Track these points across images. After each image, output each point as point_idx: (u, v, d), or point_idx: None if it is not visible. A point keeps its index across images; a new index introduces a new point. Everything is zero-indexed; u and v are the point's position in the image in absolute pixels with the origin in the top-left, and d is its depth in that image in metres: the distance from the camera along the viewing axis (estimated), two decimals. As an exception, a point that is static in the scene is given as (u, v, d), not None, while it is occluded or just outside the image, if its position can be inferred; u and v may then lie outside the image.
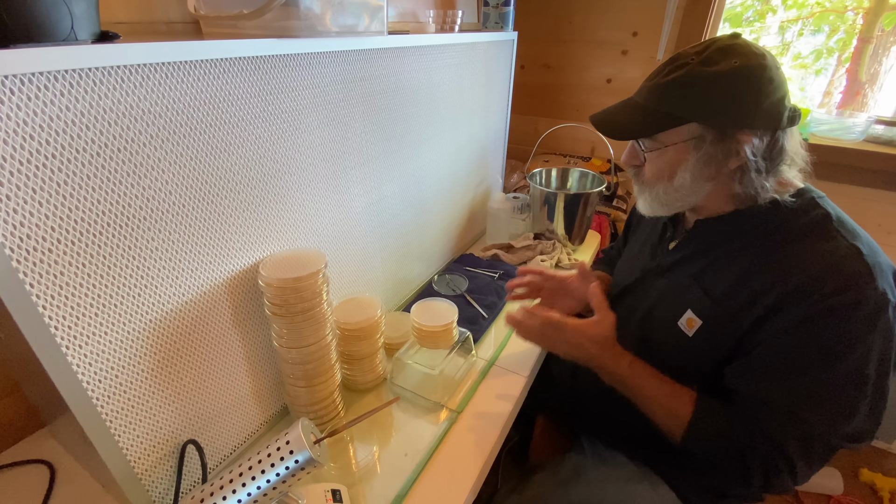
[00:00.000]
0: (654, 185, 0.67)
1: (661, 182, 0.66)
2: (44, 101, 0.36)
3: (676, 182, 0.64)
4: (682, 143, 0.62)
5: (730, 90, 0.57)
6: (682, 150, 0.62)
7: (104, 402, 0.46)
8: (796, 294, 0.55)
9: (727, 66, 0.57)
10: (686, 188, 0.64)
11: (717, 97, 0.58)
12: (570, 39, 1.51)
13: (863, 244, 0.56)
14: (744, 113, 0.58)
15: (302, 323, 0.59)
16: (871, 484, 1.33)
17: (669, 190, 0.66)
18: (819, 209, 0.60)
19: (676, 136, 0.62)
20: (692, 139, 0.61)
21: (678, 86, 0.60)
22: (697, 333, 0.65)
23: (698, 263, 0.67)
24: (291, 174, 0.62)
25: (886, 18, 1.25)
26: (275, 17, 0.54)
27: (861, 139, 1.21)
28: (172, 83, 0.45)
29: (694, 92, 0.59)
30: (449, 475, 0.62)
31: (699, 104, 0.59)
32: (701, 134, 0.60)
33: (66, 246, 0.40)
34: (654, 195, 0.68)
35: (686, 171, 0.63)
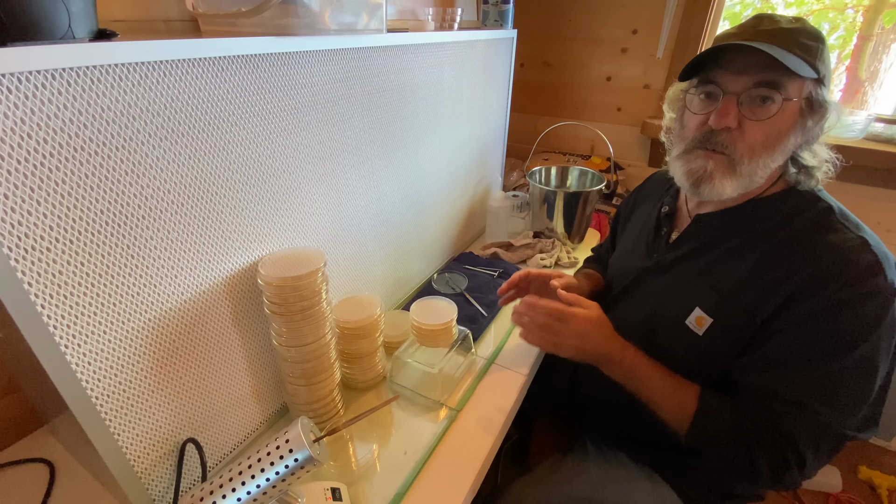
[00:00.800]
0: (756, 155, 0.57)
1: (766, 150, 0.57)
2: (41, 99, 0.36)
3: (780, 149, 0.57)
4: (798, 101, 0.56)
5: (829, 56, 0.56)
6: (796, 109, 0.56)
7: (103, 401, 0.46)
8: (810, 286, 0.55)
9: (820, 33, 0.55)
10: (778, 161, 0.58)
11: (829, 59, 0.55)
12: (570, 37, 1.51)
13: (868, 236, 0.56)
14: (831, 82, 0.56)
15: (301, 322, 0.59)
16: (869, 481, 1.33)
17: (769, 162, 0.57)
18: (821, 202, 0.60)
19: (798, 90, 0.55)
20: (804, 98, 0.56)
21: (809, 35, 0.55)
22: (709, 331, 0.63)
23: (702, 259, 0.66)
24: (290, 172, 0.61)
25: (886, 16, 1.25)
26: (273, 14, 0.54)
27: (861, 137, 1.21)
28: (170, 81, 0.45)
29: (821, 45, 0.55)
30: (448, 473, 0.62)
31: (824, 59, 0.55)
32: (810, 93, 0.56)
33: (63, 245, 0.40)
34: (752, 170, 0.58)
35: (792, 136, 0.57)
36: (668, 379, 0.64)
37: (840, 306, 0.53)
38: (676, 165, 0.65)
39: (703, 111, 0.61)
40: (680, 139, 0.66)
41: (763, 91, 0.55)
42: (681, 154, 0.64)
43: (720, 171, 0.59)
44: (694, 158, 0.62)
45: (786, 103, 0.55)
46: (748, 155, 0.58)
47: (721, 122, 0.57)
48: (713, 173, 0.60)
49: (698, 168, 0.61)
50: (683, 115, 0.66)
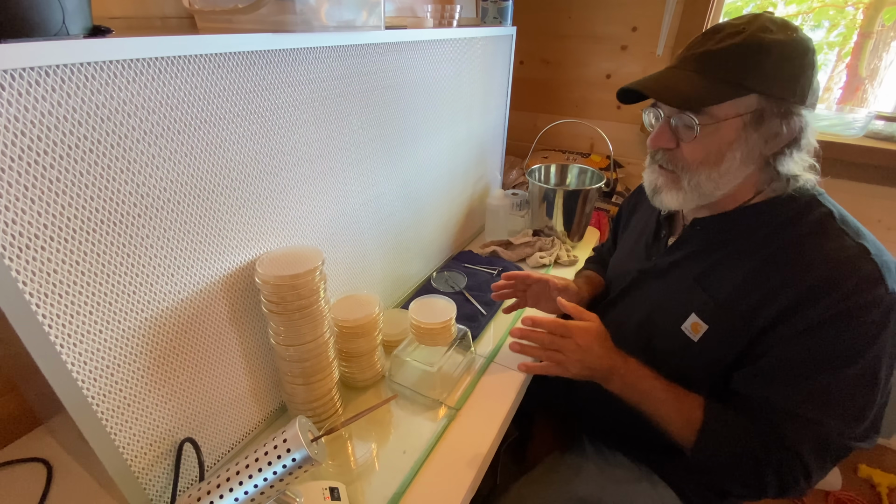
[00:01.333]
0: (695, 171, 0.59)
1: (705, 167, 0.59)
2: (35, 96, 0.36)
3: (724, 165, 0.58)
4: (737, 118, 0.56)
5: (791, 60, 0.54)
6: (737, 126, 0.56)
7: (99, 400, 0.46)
8: (809, 296, 0.54)
9: (786, 36, 0.53)
10: (731, 174, 0.58)
11: (781, 66, 0.53)
12: (569, 34, 1.51)
13: (868, 242, 0.55)
14: (802, 86, 0.54)
15: (299, 320, 0.59)
16: (868, 479, 1.34)
17: (714, 176, 0.59)
18: (821, 207, 0.59)
19: (733, 108, 0.55)
20: (749, 113, 0.55)
21: (739, 52, 0.54)
22: (704, 338, 0.62)
23: (699, 264, 0.65)
24: (288, 170, 0.61)
25: (887, 13, 1.24)
26: (270, 11, 0.54)
27: (861, 135, 1.21)
28: (166, 78, 0.44)
29: (758, 59, 0.53)
30: (447, 472, 0.62)
31: (764, 73, 0.53)
32: (760, 107, 0.55)
33: (58, 243, 0.40)
34: (695, 184, 0.60)
35: (738, 150, 0.57)
36: (671, 392, 0.63)
37: (840, 317, 0.53)
38: (644, 176, 0.69)
39: (653, 129, 0.64)
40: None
41: (684, 117, 0.58)
42: (646, 167, 0.68)
43: (667, 185, 0.63)
44: (650, 172, 0.66)
45: (715, 124, 0.56)
46: (688, 170, 0.60)
47: (654, 144, 0.62)
48: (661, 187, 0.64)
49: (652, 181, 0.66)
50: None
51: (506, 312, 0.90)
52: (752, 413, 0.59)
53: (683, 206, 0.63)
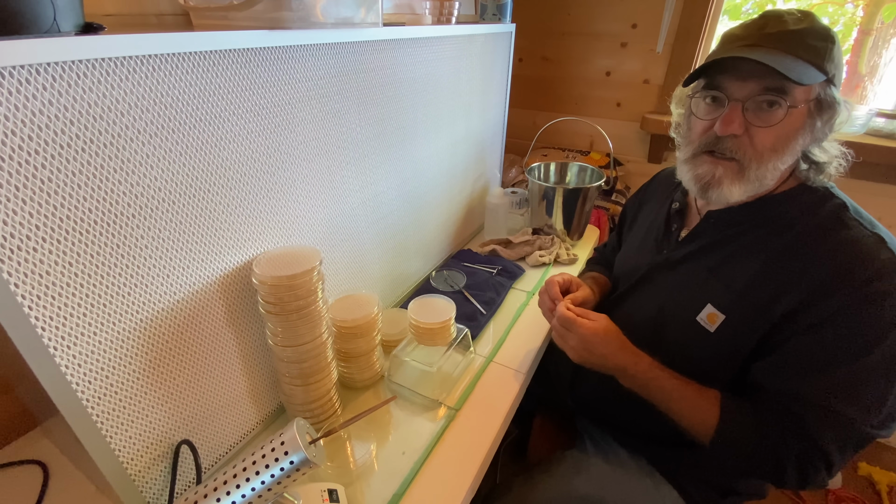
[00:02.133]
0: (765, 160, 0.57)
1: (775, 154, 0.56)
2: (26, 95, 0.35)
3: (788, 153, 0.56)
4: (805, 104, 0.55)
5: (840, 50, 0.54)
6: (804, 112, 0.56)
7: (94, 403, 0.45)
8: (827, 285, 0.54)
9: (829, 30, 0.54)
10: (788, 162, 0.57)
11: (841, 57, 0.54)
12: (569, 32, 1.50)
13: (883, 232, 0.55)
14: (841, 79, 0.55)
15: (297, 321, 0.58)
16: (868, 477, 1.34)
17: (779, 165, 0.57)
18: (835, 199, 0.59)
19: (805, 93, 0.54)
20: (812, 100, 0.55)
21: (817, 35, 0.53)
22: (721, 328, 0.62)
23: (714, 256, 0.65)
24: (285, 169, 0.60)
25: (886, 10, 1.24)
26: (266, 8, 0.53)
27: (861, 132, 1.20)
28: (161, 76, 0.43)
29: (830, 45, 0.53)
30: (447, 473, 0.62)
31: (833, 59, 0.54)
32: (819, 95, 0.55)
33: (51, 244, 0.39)
34: (762, 174, 0.57)
35: (800, 138, 0.56)
36: (687, 389, 0.63)
37: (860, 305, 0.52)
38: (684, 170, 0.65)
39: (708, 116, 0.60)
40: (687, 142, 0.65)
41: (769, 97, 0.55)
42: (688, 159, 0.64)
43: (729, 176, 0.59)
44: (700, 164, 0.62)
45: (792, 108, 0.55)
46: (757, 160, 0.57)
47: (726, 130, 0.57)
48: (721, 179, 0.60)
49: (705, 174, 0.61)
50: (690, 118, 0.65)
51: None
52: (771, 404, 0.58)
53: (742, 197, 0.61)
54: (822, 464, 0.55)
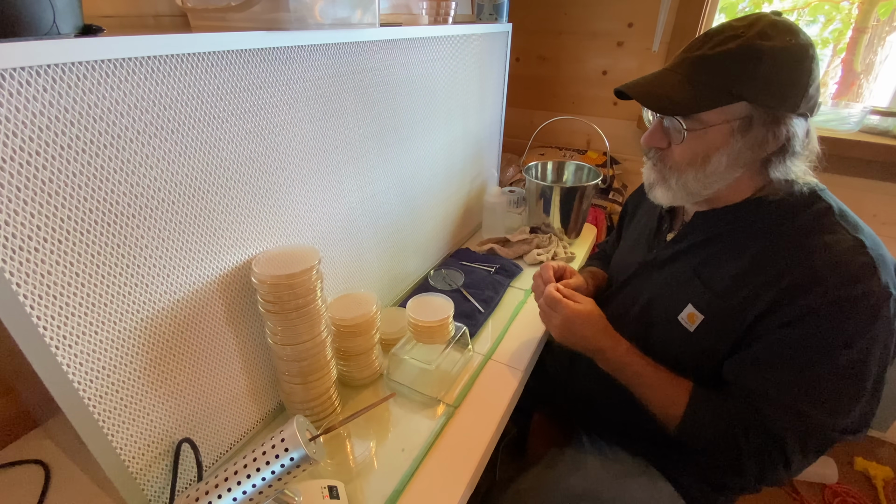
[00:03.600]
0: (683, 172, 0.61)
1: (692, 168, 0.60)
2: (26, 97, 0.35)
3: (710, 168, 0.59)
4: (725, 124, 0.57)
5: (786, 68, 0.54)
6: (724, 131, 0.57)
7: (96, 401, 0.46)
8: (800, 287, 0.54)
9: (783, 43, 0.53)
10: (718, 175, 0.60)
11: (775, 75, 0.54)
12: (565, 31, 1.50)
13: (866, 237, 0.55)
14: (795, 94, 0.55)
15: (296, 320, 0.59)
16: (864, 472, 1.35)
17: (700, 177, 0.60)
18: (821, 202, 0.59)
19: (721, 115, 0.56)
20: (738, 120, 0.56)
21: (733, 58, 0.54)
22: (700, 328, 0.64)
23: (698, 256, 0.66)
24: (284, 169, 0.61)
25: (882, 8, 1.24)
26: (263, 9, 0.54)
27: (856, 130, 1.21)
28: (159, 77, 0.44)
29: (751, 67, 0.54)
30: (446, 470, 0.62)
31: (755, 81, 0.54)
32: (749, 114, 0.56)
33: (52, 245, 0.39)
34: (682, 183, 0.62)
35: (723, 155, 0.58)
36: (660, 375, 0.65)
37: (830, 308, 0.53)
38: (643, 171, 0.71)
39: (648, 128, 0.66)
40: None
41: (674, 121, 0.60)
42: (644, 161, 0.70)
43: (658, 181, 0.65)
44: (646, 168, 0.68)
45: (703, 129, 0.58)
46: (676, 171, 0.62)
47: (647, 143, 0.64)
48: (654, 183, 0.66)
49: (647, 177, 0.68)
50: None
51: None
52: (737, 399, 0.60)
53: (673, 202, 0.66)
54: (781, 461, 0.56)
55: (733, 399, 0.60)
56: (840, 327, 0.53)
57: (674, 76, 0.59)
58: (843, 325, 0.53)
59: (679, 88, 0.57)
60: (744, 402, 0.59)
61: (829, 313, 0.53)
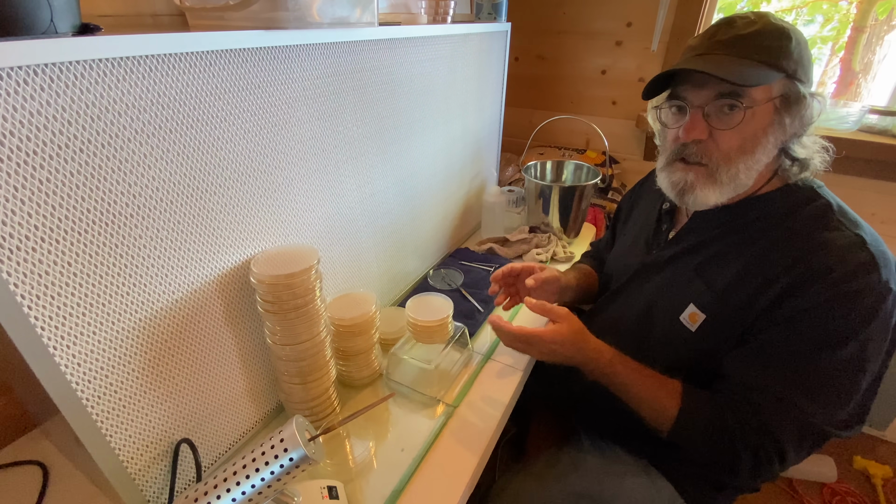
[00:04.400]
0: (733, 161, 0.58)
1: (743, 155, 0.57)
2: (23, 96, 0.35)
3: (758, 152, 0.57)
4: (769, 102, 0.56)
5: (806, 47, 0.55)
6: (770, 110, 0.56)
7: (94, 402, 0.46)
8: (801, 283, 0.54)
9: (790, 26, 0.55)
10: (762, 161, 0.58)
11: (801, 51, 0.55)
12: (564, 30, 1.50)
13: (866, 233, 0.56)
14: (810, 73, 0.56)
15: (295, 320, 0.58)
16: (864, 471, 1.35)
17: (751, 164, 0.57)
18: (820, 199, 0.59)
19: (766, 93, 0.55)
20: (779, 97, 0.55)
21: (769, 35, 0.54)
22: (701, 328, 0.63)
23: (699, 256, 0.66)
24: (282, 169, 0.61)
25: (880, 7, 1.24)
26: (262, 8, 0.53)
27: (855, 129, 1.21)
28: (157, 76, 0.44)
29: (785, 42, 0.54)
30: (446, 469, 0.62)
31: (791, 56, 0.54)
32: (786, 91, 0.55)
33: (50, 244, 0.39)
34: (733, 175, 0.58)
35: (770, 135, 0.56)
36: (648, 381, 0.64)
37: (830, 303, 0.53)
38: (661, 178, 0.67)
39: (676, 125, 0.62)
40: (661, 151, 0.67)
41: (725, 102, 0.56)
42: (663, 167, 0.66)
43: (700, 181, 0.61)
44: (674, 171, 0.63)
45: (754, 108, 0.56)
46: (724, 162, 0.59)
47: (689, 136, 0.59)
48: (694, 184, 0.61)
49: (679, 180, 0.63)
50: (662, 128, 0.67)
51: (505, 309, 0.89)
52: (733, 395, 0.59)
53: (720, 199, 0.61)
54: (777, 456, 0.56)
55: (728, 394, 0.60)
56: (839, 322, 0.53)
57: (717, 57, 0.56)
58: (842, 321, 0.53)
59: (732, 64, 0.54)
60: (739, 397, 0.59)
61: (828, 308, 0.53)
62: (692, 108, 0.59)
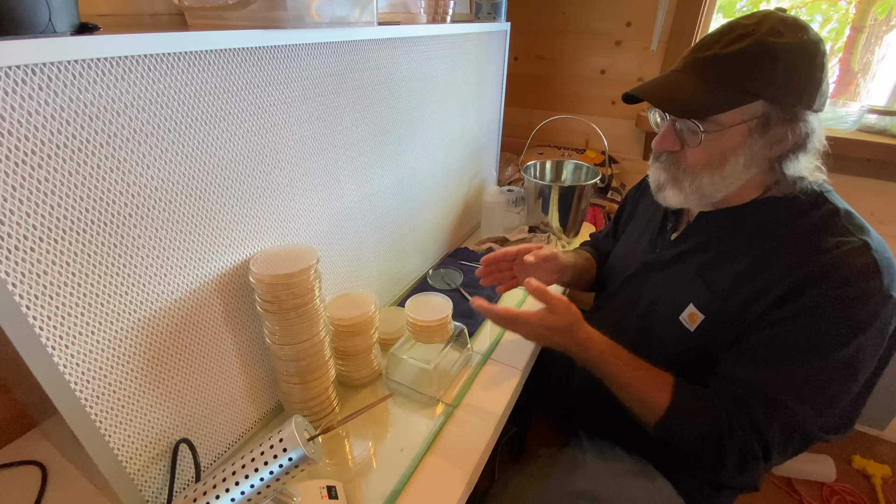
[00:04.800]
0: (698, 175, 0.60)
1: (707, 170, 0.59)
2: (21, 95, 0.35)
3: (727, 170, 0.58)
4: (742, 125, 0.55)
5: (801, 65, 0.53)
6: (742, 132, 0.56)
7: (93, 402, 0.46)
8: (801, 285, 0.54)
9: (796, 39, 0.52)
10: (733, 177, 0.59)
11: (791, 72, 0.53)
12: (564, 30, 1.50)
13: (872, 239, 0.55)
14: (810, 90, 0.54)
15: (294, 319, 0.58)
16: (863, 470, 1.35)
17: (716, 179, 0.59)
18: (827, 204, 0.59)
19: (738, 115, 0.55)
20: (755, 119, 0.55)
21: (748, 57, 0.53)
22: (700, 328, 0.63)
23: (702, 256, 0.66)
24: (281, 168, 0.61)
25: (879, 7, 1.25)
26: (261, 7, 0.53)
27: (854, 129, 1.21)
28: (156, 76, 0.44)
29: (766, 65, 0.53)
30: (445, 469, 0.62)
31: (772, 79, 0.53)
32: (766, 113, 0.55)
33: (48, 244, 0.39)
34: (696, 186, 0.60)
35: (741, 156, 0.57)
36: (639, 374, 0.64)
37: (829, 306, 0.53)
38: (649, 171, 0.70)
39: (659, 129, 0.65)
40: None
41: (689, 123, 0.58)
42: (651, 162, 0.69)
43: (669, 183, 0.64)
44: (654, 169, 0.67)
45: (719, 131, 0.56)
46: (689, 173, 0.61)
47: (659, 147, 0.63)
48: (665, 184, 0.65)
49: (655, 178, 0.67)
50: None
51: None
52: (723, 392, 0.59)
53: (685, 204, 0.64)
54: (762, 454, 0.56)
55: (719, 391, 0.60)
56: (836, 326, 0.53)
57: (686, 77, 0.57)
58: (840, 325, 0.53)
59: (694, 90, 0.56)
60: (731, 394, 0.59)
61: (826, 311, 0.53)
62: (666, 121, 0.62)
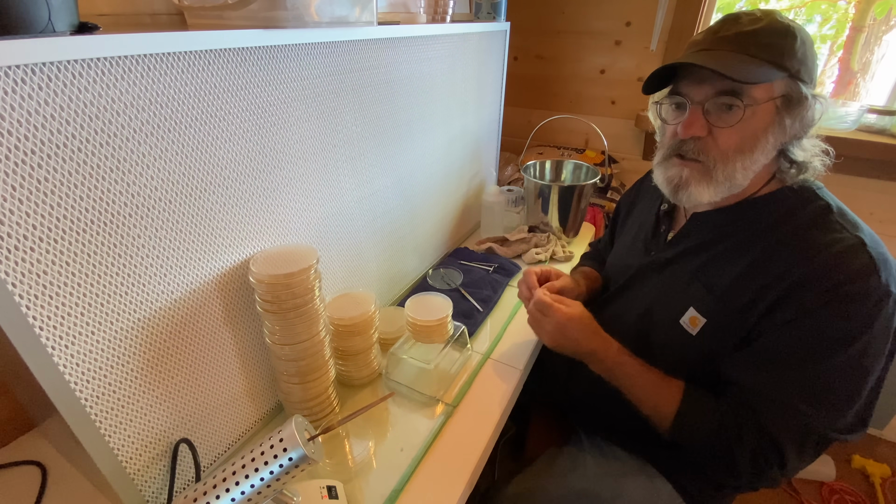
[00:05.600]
0: (730, 160, 0.57)
1: (740, 154, 0.57)
2: (21, 95, 0.35)
3: (757, 152, 0.56)
4: (770, 102, 0.55)
5: (810, 45, 0.54)
6: (770, 110, 0.55)
7: (93, 402, 0.46)
8: (801, 286, 0.54)
9: (796, 25, 0.54)
10: (759, 162, 0.57)
11: (805, 51, 0.54)
12: (563, 30, 1.50)
13: (865, 235, 0.55)
14: (816, 72, 0.55)
15: (294, 319, 0.58)
16: (862, 470, 1.35)
17: (748, 163, 0.57)
18: (819, 200, 0.59)
19: (767, 92, 0.54)
20: (780, 97, 0.55)
21: (773, 32, 0.53)
22: (702, 332, 0.63)
23: (698, 259, 0.65)
24: (281, 168, 0.61)
25: (878, 7, 1.25)
26: (260, 7, 0.53)
27: (853, 128, 1.21)
28: (156, 75, 0.44)
29: (789, 41, 0.53)
30: (445, 469, 0.62)
31: (795, 54, 0.53)
32: (787, 91, 0.55)
33: (48, 244, 0.39)
34: (729, 174, 0.58)
35: (770, 136, 0.56)
36: (652, 376, 0.65)
37: (830, 305, 0.53)
38: (657, 173, 0.67)
39: (675, 121, 0.62)
40: (659, 147, 0.67)
41: (725, 99, 0.56)
42: (659, 162, 0.66)
43: (696, 178, 0.60)
44: (670, 167, 0.63)
45: (754, 107, 0.55)
46: (721, 160, 0.58)
47: (687, 132, 0.59)
48: (689, 180, 0.61)
49: (674, 176, 0.63)
50: (662, 124, 0.67)
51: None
52: (732, 395, 0.59)
53: (714, 198, 0.61)
54: (776, 460, 0.56)
55: (728, 397, 0.60)
56: (839, 325, 0.53)
57: (720, 53, 0.55)
58: (843, 324, 0.53)
59: (736, 61, 0.54)
60: (739, 401, 0.58)
61: (828, 311, 0.53)
62: (692, 105, 0.59)
